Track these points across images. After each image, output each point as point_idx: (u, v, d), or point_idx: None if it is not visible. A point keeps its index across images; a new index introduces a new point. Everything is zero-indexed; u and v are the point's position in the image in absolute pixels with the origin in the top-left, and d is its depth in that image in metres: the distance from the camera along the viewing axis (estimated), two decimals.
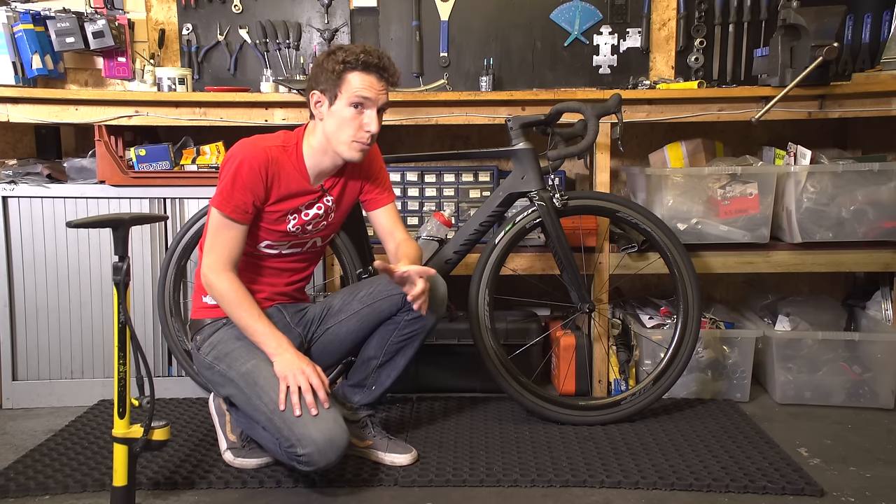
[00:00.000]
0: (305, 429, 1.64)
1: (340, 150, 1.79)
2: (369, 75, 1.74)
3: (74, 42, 2.47)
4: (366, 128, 1.76)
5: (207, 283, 1.78)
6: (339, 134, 1.77)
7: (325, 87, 1.76)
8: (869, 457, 1.97)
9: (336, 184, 1.89)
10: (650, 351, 2.36)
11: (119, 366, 1.59)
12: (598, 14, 2.73)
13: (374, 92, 1.75)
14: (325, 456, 1.64)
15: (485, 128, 2.56)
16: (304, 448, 1.64)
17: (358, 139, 1.77)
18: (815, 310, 2.49)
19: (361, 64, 1.73)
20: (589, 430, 2.11)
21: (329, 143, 1.79)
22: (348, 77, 1.73)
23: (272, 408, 1.69)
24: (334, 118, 1.76)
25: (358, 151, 1.79)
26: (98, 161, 2.32)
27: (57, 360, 2.39)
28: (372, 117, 1.76)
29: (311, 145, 1.82)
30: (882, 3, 2.60)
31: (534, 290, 2.50)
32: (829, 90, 2.30)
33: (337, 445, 1.65)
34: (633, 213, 2.22)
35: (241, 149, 1.77)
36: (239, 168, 1.74)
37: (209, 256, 1.77)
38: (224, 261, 1.76)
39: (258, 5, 2.73)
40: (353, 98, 1.74)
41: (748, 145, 2.70)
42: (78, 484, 1.80)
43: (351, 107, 1.74)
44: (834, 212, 2.32)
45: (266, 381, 1.72)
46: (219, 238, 1.77)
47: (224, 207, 1.75)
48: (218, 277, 1.76)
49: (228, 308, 1.78)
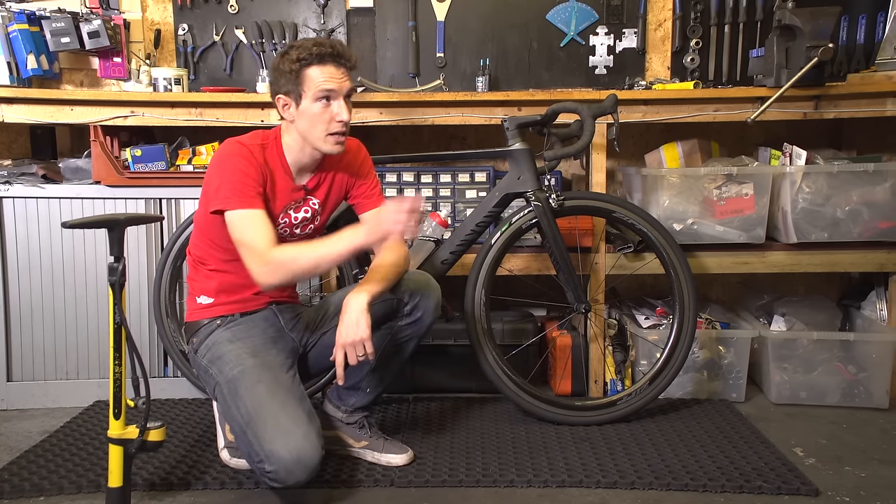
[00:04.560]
0: (273, 445, 1.58)
1: (318, 146, 1.78)
2: (327, 66, 1.73)
3: (70, 42, 2.46)
4: (337, 118, 1.74)
5: (268, 277, 1.66)
6: (313, 131, 1.76)
7: (289, 89, 1.75)
8: (864, 456, 1.97)
9: (320, 185, 1.88)
10: (646, 351, 2.37)
11: (115, 366, 1.59)
12: (595, 14, 2.73)
13: (336, 82, 1.73)
14: (293, 474, 1.58)
15: (481, 128, 2.56)
16: (272, 465, 1.58)
17: (332, 131, 1.75)
18: (810, 310, 2.50)
19: (316, 57, 1.71)
20: (585, 431, 2.12)
21: (306, 142, 1.79)
22: (307, 73, 1.72)
23: (247, 420, 1.64)
24: (304, 117, 1.75)
25: (335, 144, 1.77)
26: (93, 161, 2.32)
27: (52, 360, 2.38)
28: (341, 106, 1.74)
29: (287, 143, 1.82)
30: (877, 4, 2.61)
31: (530, 291, 2.50)
32: (824, 91, 2.31)
33: (305, 464, 1.58)
34: (630, 213, 2.22)
35: (228, 146, 1.76)
36: (236, 162, 1.72)
37: (251, 256, 1.66)
38: (265, 246, 1.67)
39: (254, 6, 2.72)
40: (318, 93, 1.72)
41: (744, 146, 2.71)
42: (73, 485, 1.80)
43: (318, 102, 1.73)
44: (829, 212, 2.32)
45: (246, 391, 1.68)
46: (247, 232, 1.68)
47: (238, 204, 1.68)
48: (270, 260, 1.65)
49: (306, 267, 1.68)
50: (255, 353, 1.78)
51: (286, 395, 1.70)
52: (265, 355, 1.79)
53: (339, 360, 1.69)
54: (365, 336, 1.68)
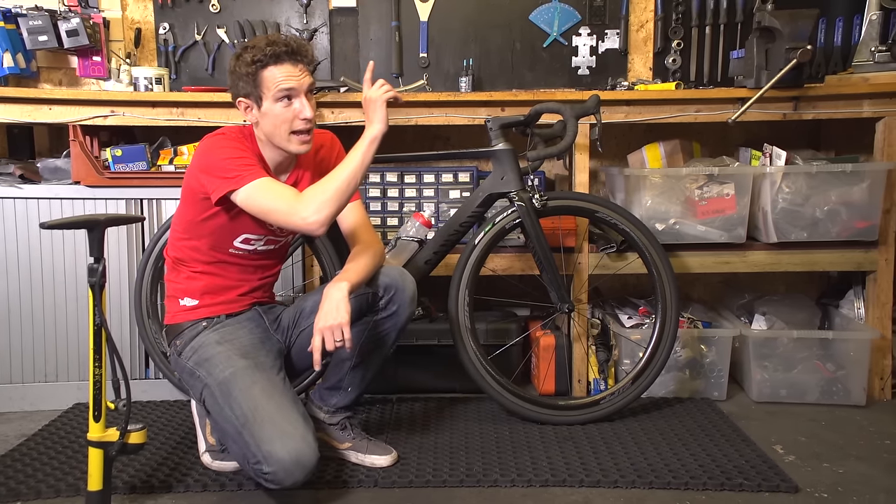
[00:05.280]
0: (272, 446, 1.58)
1: (284, 146, 1.76)
2: (283, 65, 1.71)
3: (47, 40, 2.43)
4: (300, 115, 1.73)
5: (317, 216, 1.63)
6: (277, 132, 1.74)
7: (248, 92, 1.73)
8: (842, 453, 2.00)
9: (298, 183, 1.86)
10: (629, 350, 2.38)
11: (94, 368, 1.57)
12: (577, 15, 2.74)
13: (295, 80, 1.72)
14: (292, 475, 1.59)
15: (465, 128, 2.57)
16: (270, 466, 1.58)
17: (296, 130, 1.74)
18: (790, 309, 2.53)
19: (271, 57, 1.69)
20: (568, 430, 2.12)
21: (271, 143, 1.77)
22: (264, 75, 1.70)
23: (242, 421, 1.64)
24: (267, 119, 1.74)
25: (301, 143, 1.76)
26: (73, 161, 2.29)
27: (30, 363, 2.35)
28: (303, 104, 1.73)
29: (260, 139, 1.81)
30: (853, 7, 2.65)
31: (514, 291, 2.50)
32: (802, 92, 2.33)
33: (304, 465, 1.59)
34: (612, 213, 2.23)
35: (213, 137, 1.75)
36: (229, 143, 1.72)
37: (288, 214, 1.64)
38: (292, 197, 1.66)
39: (236, 5, 2.70)
40: (277, 93, 1.71)
41: (725, 146, 2.73)
42: (51, 489, 1.78)
43: (279, 102, 1.72)
44: (808, 212, 2.35)
45: (241, 393, 1.67)
46: (269, 199, 1.65)
47: (248, 178, 1.65)
48: (309, 203, 1.63)
49: (343, 183, 1.65)
50: (246, 354, 1.77)
51: (281, 396, 1.69)
52: (256, 356, 1.78)
53: (316, 345, 1.68)
54: (344, 321, 1.67)
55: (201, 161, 1.73)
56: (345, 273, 1.78)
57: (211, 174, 1.69)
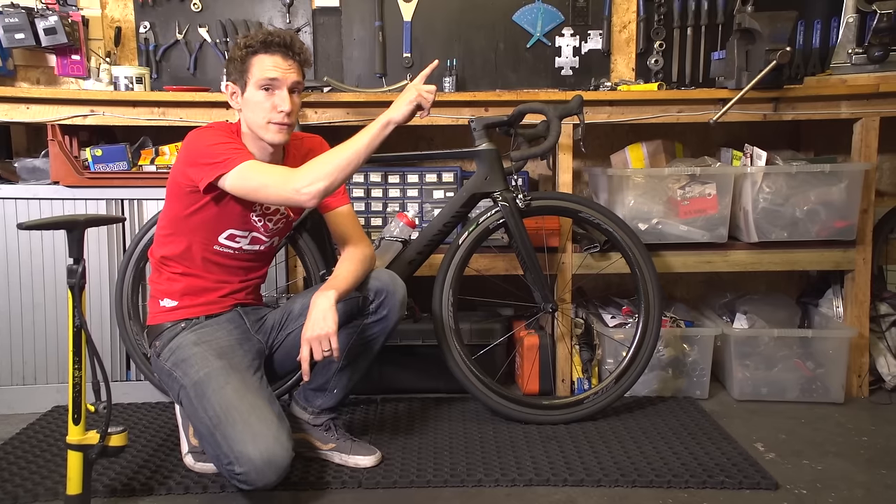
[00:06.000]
0: (244, 446, 1.57)
1: (261, 134, 1.76)
2: (273, 55, 1.72)
3: (24, 38, 2.39)
4: (278, 108, 1.72)
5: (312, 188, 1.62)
6: (255, 119, 1.74)
7: (236, 77, 1.75)
8: (821, 450, 2.03)
9: None
10: (612, 350, 2.39)
11: (74, 370, 1.55)
12: (560, 16, 2.75)
13: (280, 71, 1.72)
14: (263, 476, 1.57)
15: (448, 128, 2.56)
16: (241, 466, 1.57)
17: (272, 120, 1.73)
18: (771, 308, 2.55)
19: (262, 45, 1.71)
20: (552, 429, 2.13)
21: (252, 132, 1.78)
22: (253, 61, 1.72)
23: (215, 422, 1.62)
24: (248, 106, 1.75)
25: (277, 133, 1.75)
26: (51, 161, 2.26)
27: (7, 365, 2.31)
28: (283, 97, 1.72)
29: (245, 134, 1.81)
30: (830, 9, 2.69)
31: (498, 291, 2.51)
32: (782, 93, 2.36)
33: (276, 465, 1.58)
34: (595, 213, 2.25)
35: (200, 130, 1.77)
36: (215, 133, 1.73)
37: (281, 187, 1.63)
38: (283, 171, 1.67)
39: (218, 4, 2.68)
40: (261, 81, 1.71)
41: (707, 146, 2.76)
42: (29, 494, 1.75)
43: (261, 90, 1.72)
44: (788, 212, 2.38)
45: (214, 393, 1.66)
46: (259, 176, 1.65)
47: (236, 160, 1.65)
48: (302, 175, 1.64)
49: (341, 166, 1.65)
50: (222, 354, 1.76)
51: (255, 396, 1.68)
52: (231, 357, 1.77)
53: (304, 356, 1.68)
54: (331, 331, 1.66)
55: (187, 154, 1.73)
56: (333, 280, 1.77)
57: (197, 164, 1.69)
